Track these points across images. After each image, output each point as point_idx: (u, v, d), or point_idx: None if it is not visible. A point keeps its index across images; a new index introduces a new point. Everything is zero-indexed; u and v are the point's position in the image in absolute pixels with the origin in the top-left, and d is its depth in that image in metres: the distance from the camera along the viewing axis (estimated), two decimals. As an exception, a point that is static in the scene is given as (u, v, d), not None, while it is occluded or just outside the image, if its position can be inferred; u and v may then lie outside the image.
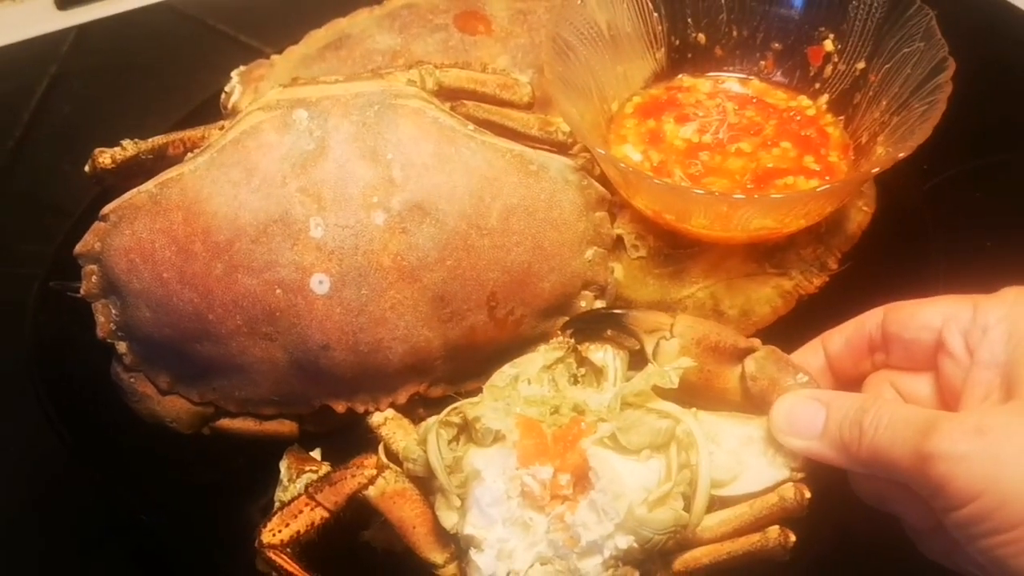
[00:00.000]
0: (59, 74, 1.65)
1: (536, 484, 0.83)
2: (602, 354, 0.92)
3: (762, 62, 1.19)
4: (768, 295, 1.06)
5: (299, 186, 0.93)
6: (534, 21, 1.19)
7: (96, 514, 1.06)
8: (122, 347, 0.99)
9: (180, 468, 1.01)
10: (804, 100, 1.17)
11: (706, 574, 0.87)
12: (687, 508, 0.84)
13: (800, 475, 0.86)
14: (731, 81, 1.19)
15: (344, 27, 1.21)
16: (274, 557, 0.87)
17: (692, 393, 0.89)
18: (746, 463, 0.87)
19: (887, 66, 1.07)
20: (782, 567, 0.86)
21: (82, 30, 1.72)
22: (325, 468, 0.93)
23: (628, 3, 1.16)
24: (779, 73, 1.19)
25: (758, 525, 0.86)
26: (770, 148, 1.10)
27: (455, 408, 0.89)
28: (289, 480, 0.95)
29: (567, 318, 1.01)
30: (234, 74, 1.21)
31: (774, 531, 0.85)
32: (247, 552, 0.88)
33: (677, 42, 1.19)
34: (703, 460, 0.84)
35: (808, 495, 0.85)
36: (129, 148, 1.00)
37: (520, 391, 0.90)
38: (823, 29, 1.15)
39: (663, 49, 1.19)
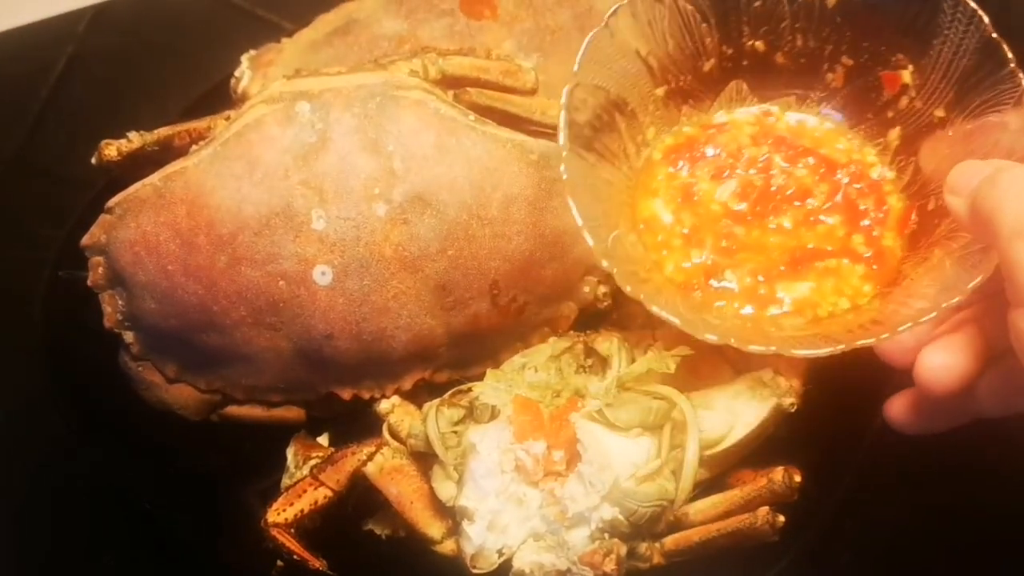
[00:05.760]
0: (76, 54, 1.65)
1: (529, 459, 0.85)
2: (608, 344, 0.94)
3: (829, 74, 0.98)
4: None
5: (301, 179, 0.94)
6: (539, 5, 1.18)
7: (103, 502, 1.07)
8: (129, 337, 1.00)
9: (188, 455, 1.03)
10: (869, 153, 0.96)
11: (696, 553, 0.89)
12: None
13: (789, 400, 0.89)
14: (781, 115, 0.99)
15: (352, 11, 1.21)
16: (278, 536, 0.89)
17: (684, 383, 0.92)
18: (738, 411, 0.90)
19: (968, 127, 0.88)
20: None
21: (99, 10, 1.73)
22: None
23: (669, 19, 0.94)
24: (846, 95, 0.98)
25: (748, 509, 0.87)
26: (814, 225, 0.93)
27: (458, 390, 0.92)
28: (296, 467, 0.97)
29: (572, 303, 1.03)
30: (244, 59, 1.20)
31: (763, 511, 0.86)
32: (253, 536, 0.90)
33: (730, 51, 0.98)
34: (692, 436, 0.87)
35: (798, 479, 0.87)
36: (135, 140, 1.01)
37: (526, 377, 0.92)
38: (901, 56, 0.95)
39: (713, 60, 0.98)
